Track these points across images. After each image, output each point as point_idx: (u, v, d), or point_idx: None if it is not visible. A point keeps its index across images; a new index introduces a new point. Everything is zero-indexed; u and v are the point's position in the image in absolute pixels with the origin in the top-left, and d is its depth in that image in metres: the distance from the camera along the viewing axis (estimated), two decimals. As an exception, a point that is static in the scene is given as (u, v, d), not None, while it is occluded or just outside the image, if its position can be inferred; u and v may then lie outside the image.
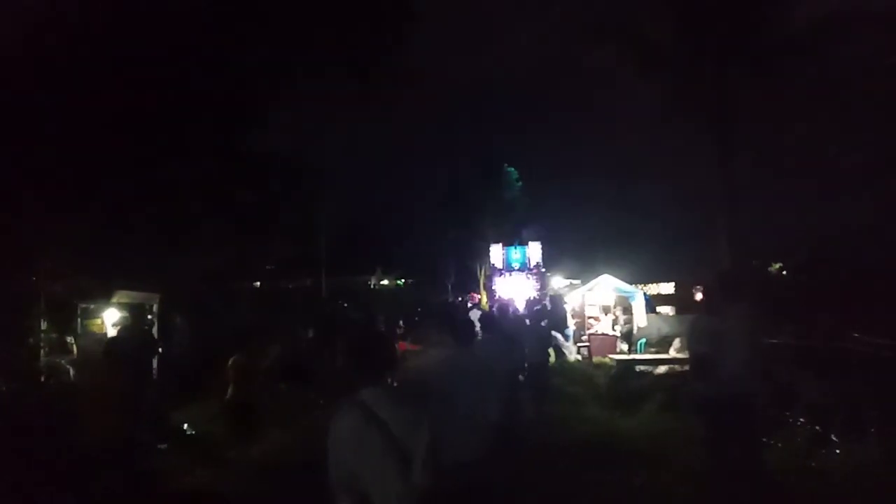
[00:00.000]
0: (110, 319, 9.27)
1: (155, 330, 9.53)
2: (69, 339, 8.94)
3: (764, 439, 5.38)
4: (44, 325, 8.55)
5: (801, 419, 6.27)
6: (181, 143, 12.13)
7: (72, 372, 8.11)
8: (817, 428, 6.00)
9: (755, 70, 10.23)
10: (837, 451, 5.52)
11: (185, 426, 7.93)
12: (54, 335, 8.70)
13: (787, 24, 9.92)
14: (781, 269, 20.44)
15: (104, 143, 10.39)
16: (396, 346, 13.65)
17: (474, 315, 13.20)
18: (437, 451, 2.20)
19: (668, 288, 23.51)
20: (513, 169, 39.45)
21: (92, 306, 9.39)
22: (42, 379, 8.06)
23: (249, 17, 14.29)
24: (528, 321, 9.21)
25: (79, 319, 9.13)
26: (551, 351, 13.41)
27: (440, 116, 56.34)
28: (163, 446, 6.95)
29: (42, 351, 8.41)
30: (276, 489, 5.77)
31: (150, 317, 9.82)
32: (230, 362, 7.23)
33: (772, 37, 10.04)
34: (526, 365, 7.13)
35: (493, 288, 25.10)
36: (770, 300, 12.21)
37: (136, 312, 7.14)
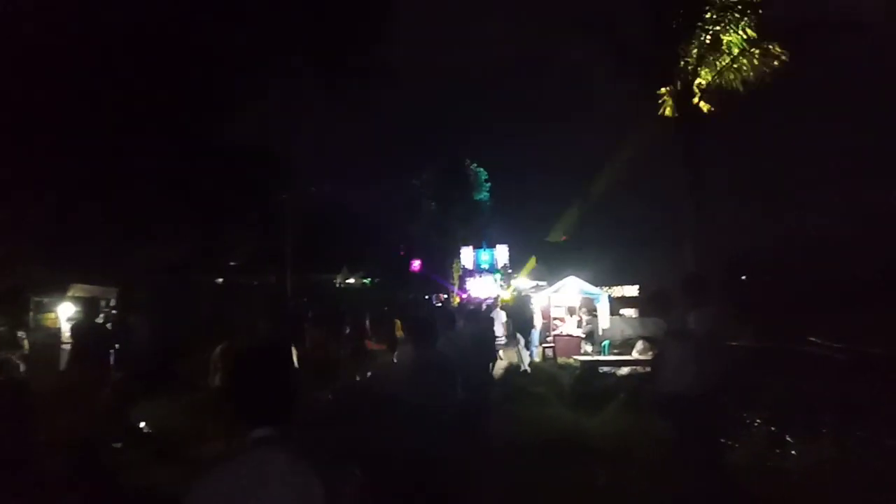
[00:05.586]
0: (65, 314, 8.95)
1: (110, 325, 9.23)
2: (20, 333, 8.60)
3: (722, 440, 5.49)
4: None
5: (759, 420, 6.41)
6: (143, 134, 11.82)
7: (22, 367, 7.78)
8: (773, 429, 6.15)
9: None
10: (793, 452, 5.66)
11: (143, 424, 7.69)
12: (3, 328, 8.36)
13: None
14: (742, 274, 20.94)
15: (61, 129, 10.05)
16: (364, 343, 13.48)
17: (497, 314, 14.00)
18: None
19: (632, 290, 23.79)
20: (481, 169, 39.45)
21: (46, 300, 9.05)
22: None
23: (214, 7, 14.02)
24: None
25: (31, 313, 8.80)
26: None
27: (408, 115, 56.15)
28: (118, 445, 6.73)
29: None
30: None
31: (103, 312, 9.50)
32: (217, 351, 7.15)
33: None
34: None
35: (465, 287, 25.26)
36: (731, 304, 12.47)
37: (87, 306, 6.88)
